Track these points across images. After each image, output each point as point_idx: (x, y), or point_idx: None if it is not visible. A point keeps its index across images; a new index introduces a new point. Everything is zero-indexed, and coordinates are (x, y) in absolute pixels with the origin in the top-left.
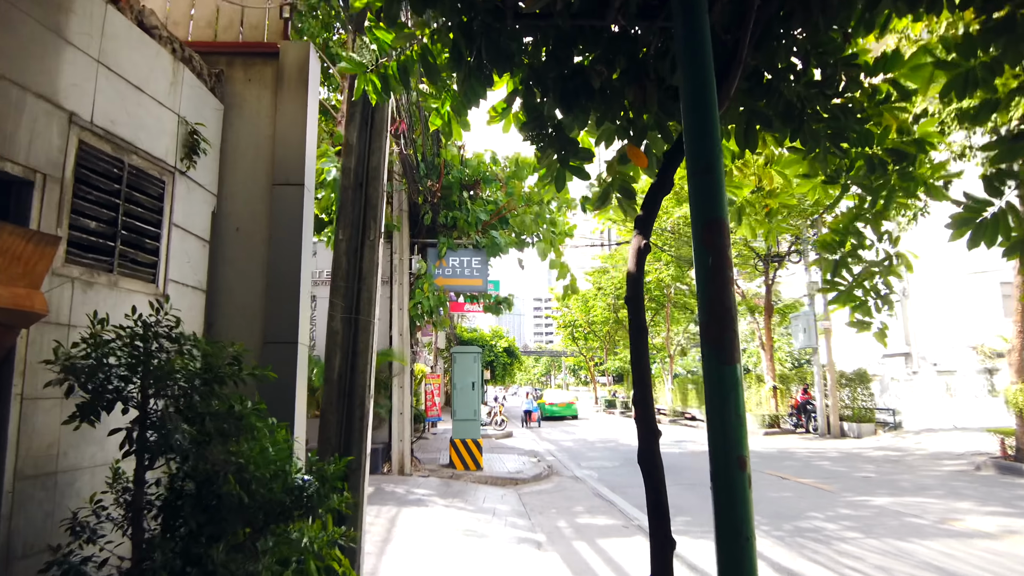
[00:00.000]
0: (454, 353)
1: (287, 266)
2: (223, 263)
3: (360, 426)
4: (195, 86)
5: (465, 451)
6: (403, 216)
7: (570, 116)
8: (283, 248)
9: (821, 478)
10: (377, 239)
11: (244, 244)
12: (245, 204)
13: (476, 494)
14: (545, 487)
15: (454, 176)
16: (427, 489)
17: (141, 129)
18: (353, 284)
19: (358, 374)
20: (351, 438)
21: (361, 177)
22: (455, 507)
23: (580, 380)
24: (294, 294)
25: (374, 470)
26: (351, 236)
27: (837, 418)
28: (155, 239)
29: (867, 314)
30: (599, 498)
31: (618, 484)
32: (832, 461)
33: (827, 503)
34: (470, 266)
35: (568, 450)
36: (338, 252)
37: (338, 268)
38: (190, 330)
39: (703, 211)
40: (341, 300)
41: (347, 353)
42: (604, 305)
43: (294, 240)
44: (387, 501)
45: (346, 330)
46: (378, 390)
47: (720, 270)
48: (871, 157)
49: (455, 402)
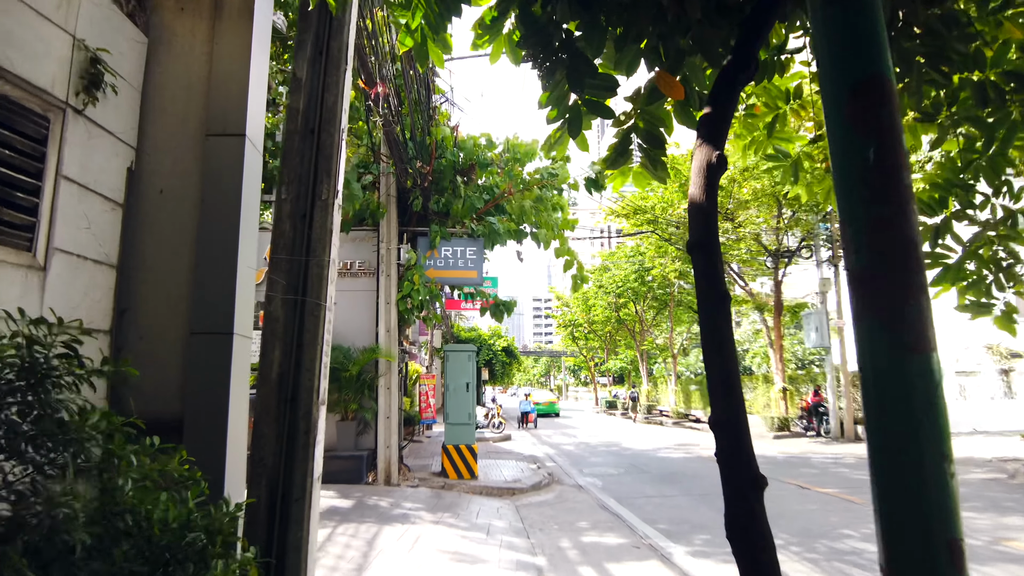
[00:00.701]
0: (447, 351)
1: (223, 237)
2: (142, 233)
3: (306, 441)
4: (103, 6)
5: (459, 458)
6: (390, 201)
7: (586, 20)
8: (219, 214)
9: (845, 488)
10: (332, 199)
11: (169, 209)
12: (172, 160)
13: (470, 507)
14: (545, 498)
15: (447, 159)
16: (415, 502)
17: (12, 46)
18: (299, 256)
19: (304, 373)
20: (293, 457)
21: (312, 120)
22: (445, 523)
23: (580, 381)
24: (230, 272)
25: (357, 480)
26: (297, 195)
27: (852, 421)
28: (33, 194)
29: (984, 294)
30: (605, 511)
31: (625, 495)
32: (851, 468)
33: (859, 518)
34: (464, 257)
35: (569, 455)
36: (280, 215)
37: (280, 236)
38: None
39: (847, 67)
40: (283, 277)
41: (290, 346)
42: (605, 304)
43: (232, 204)
44: (368, 517)
45: (289, 316)
46: (363, 392)
47: (891, 171)
48: (982, 84)
49: (448, 404)
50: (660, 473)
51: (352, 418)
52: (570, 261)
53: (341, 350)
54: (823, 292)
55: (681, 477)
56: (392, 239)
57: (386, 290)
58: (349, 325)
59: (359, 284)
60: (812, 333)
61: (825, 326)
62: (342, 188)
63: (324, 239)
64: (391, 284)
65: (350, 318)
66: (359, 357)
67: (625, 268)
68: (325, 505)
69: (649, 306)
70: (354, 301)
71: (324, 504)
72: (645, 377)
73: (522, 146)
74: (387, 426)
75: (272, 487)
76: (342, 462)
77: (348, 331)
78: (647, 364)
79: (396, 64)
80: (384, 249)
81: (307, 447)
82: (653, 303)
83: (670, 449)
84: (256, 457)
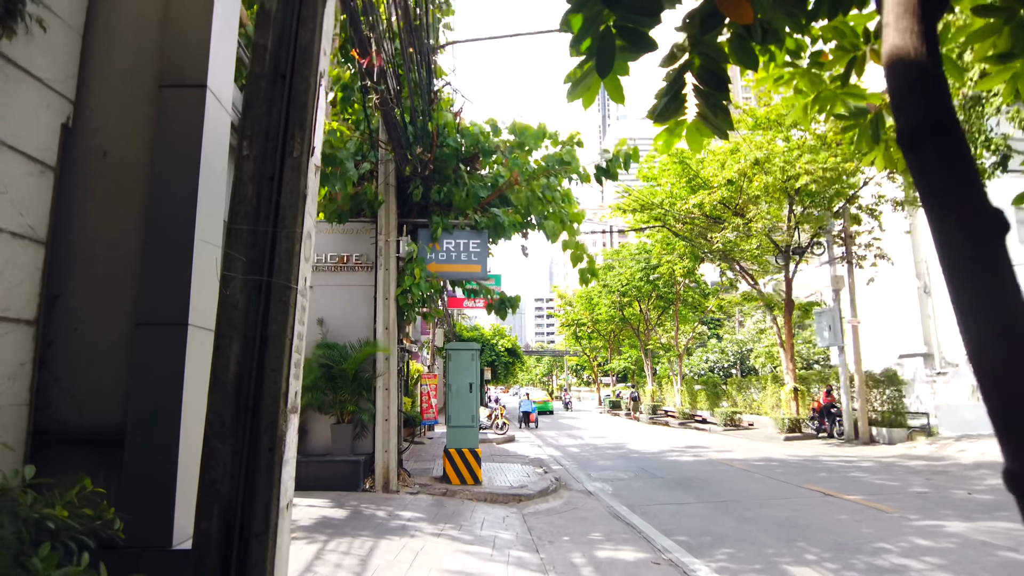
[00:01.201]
0: (449, 350)
1: (179, 209)
2: (79, 202)
3: (270, 460)
4: None
5: (461, 463)
6: (389, 191)
7: None
8: (174, 182)
9: (870, 495)
10: (306, 157)
11: (114, 175)
12: (118, 116)
13: (473, 516)
14: (554, 505)
15: (449, 147)
16: (414, 511)
17: None
18: (265, 227)
19: (269, 374)
20: (254, 481)
21: (283, 63)
22: (446, 536)
23: (582, 381)
24: (186, 250)
25: (353, 487)
26: (264, 152)
27: (866, 423)
28: None
29: None
30: (618, 520)
31: (638, 501)
32: (871, 472)
33: (893, 529)
34: (467, 250)
35: (575, 457)
36: (240, 177)
37: (241, 202)
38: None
39: None
40: (243, 253)
41: (251, 340)
42: (609, 303)
43: (189, 170)
44: (363, 529)
45: (250, 302)
46: (359, 392)
47: None
48: None
49: (450, 406)
50: (673, 478)
51: (348, 420)
52: (578, 254)
53: (337, 348)
54: (836, 290)
55: (695, 482)
56: (391, 231)
57: (384, 285)
58: (345, 322)
59: (356, 279)
60: (825, 332)
61: (838, 324)
62: (320, 147)
63: (296, 206)
64: (390, 278)
65: (346, 314)
66: (355, 354)
67: (631, 266)
68: (317, 516)
69: (654, 305)
70: (351, 297)
71: (315, 515)
72: (650, 377)
73: (529, 130)
74: (385, 429)
75: (227, 519)
76: (337, 467)
77: (345, 328)
78: (651, 363)
79: (396, 42)
80: (383, 241)
81: (271, 468)
82: (658, 302)
83: (679, 452)
84: (207, 481)
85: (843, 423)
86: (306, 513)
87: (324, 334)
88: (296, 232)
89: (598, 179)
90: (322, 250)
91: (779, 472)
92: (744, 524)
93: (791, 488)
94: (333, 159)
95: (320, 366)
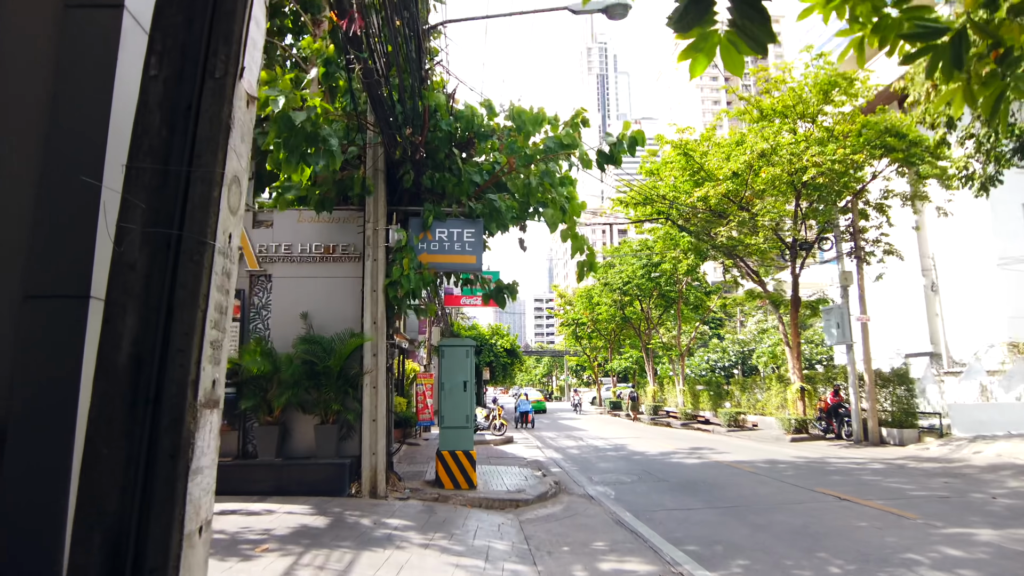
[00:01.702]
0: (442, 346)
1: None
2: None
3: (170, 472)
4: None
5: (455, 466)
6: (378, 176)
7: None
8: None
9: (889, 499)
10: (233, 79)
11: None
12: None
13: (467, 524)
14: (553, 511)
15: (442, 131)
16: (403, 519)
17: None
18: (176, 167)
19: (175, 356)
20: (151, 497)
21: None
22: (436, 547)
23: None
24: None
25: (338, 491)
26: (180, 72)
27: (876, 423)
28: None
29: None
30: (621, 527)
31: (642, 507)
32: (885, 475)
33: (920, 538)
34: (461, 239)
35: (575, 459)
36: (146, 101)
37: (143, 135)
38: None
39: None
40: (144, 199)
41: (154, 312)
42: (610, 302)
43: (99, 105)
44: (344, 540)
45: (153, 262)
46: (345, 391)
47: None
48: None
49: (443, 405)
50: (677, 481)
51: (333, 421)
52: (578, 245)
53: (321, 343)
54: (845, 286)
55: (701, 486)
56: (380, 219)
57: (372, 276)
58: (331, 316)
59: (343, 270)
60: (833, 329)
61: (847, 322)
62: (257, 72)
63: (217, 140)
64: (378, 269)
65: (332, 308)
66: (340, 349)
67: (632, 263)
68: (294, 524)
69: (656, 304)
70: (337, 289)
71: (293, 523)
72: (651, 377)
73: (527, 114)
74: (373, 430)
75: (114, 547)
76: (321, 471)
77: (330, 322)
78: (652, 364)
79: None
80: (371, 230)
81: (172, 480)
82: (660, 300)
83: (683, 454)
84: (87, 498)
85: (852, 423)
86: (283, 521)
87: (308, 328)
88: (216, 173)
89: (600, 165)
90: (307, 240)
91: (789, 475)
92: (757, 532)
93: (804, 492)
94: (315, 137)
95: (303, 362)
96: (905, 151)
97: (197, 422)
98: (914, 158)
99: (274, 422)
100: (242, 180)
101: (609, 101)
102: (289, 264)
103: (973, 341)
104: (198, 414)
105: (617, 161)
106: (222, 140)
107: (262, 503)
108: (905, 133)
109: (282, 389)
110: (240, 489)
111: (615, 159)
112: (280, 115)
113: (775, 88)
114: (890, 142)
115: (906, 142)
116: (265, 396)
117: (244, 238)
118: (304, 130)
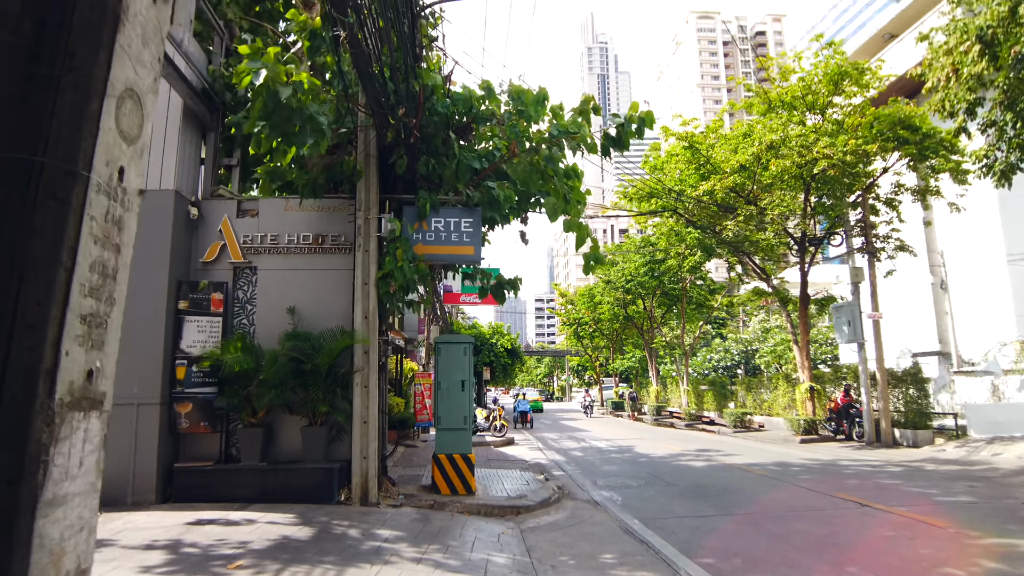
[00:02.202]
0: (438, 343)
1: None
2: None
3: (11, 503)
4: None
5: (452, 470)
6: (370, 162)
7: None
8: None
9: (912, 505)
10: None
11: None
12: None
13: (464, 534)
14: (556, 518)
15: (439, 114)
16: (394, 529)
17: None
18: (41, 68)
19: (23, 333)
20: None
21: None
22: (429, 561)
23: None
24: None
25: (327, 498)
26: None
27: (889, 424)
28: None
29: None
30: (630, 537)
31: (651, 514)
32: (904, 478)
33: (956, 550)
34: (459, 230)
35: (578, 461)
36: None
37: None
38: None
39: None
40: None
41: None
42: (612, 300)
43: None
44: (328, 554)
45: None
46: (335, 391)
47: None
48: None
49: (439, 406)
50: (687, 485)
51: (321, 423)
52: (582, 236)
53: (309, 339)
54: (856, 283)
55: (712, 490)
56: (372, 207)
57: (364, 268)
58: (320, 311)
59: (332, 262)
60: (844, 327)
61: (858, 319)
62: None
63: (99, 34)
64: (370, 261)
65: (321, 302)
66: (329, 345)
67: (635, 260)
68: (275, 536)
69: (660, 302)
70: (326, 282)
71: (274, 535)
72: (654, 377)
73: (529, 94)
74: (364, 432)
75: None
76: (308, 476)
77: (319, 318)
78: (655, 363)
79: None
80: (362, 219)
81: (15, 513)
82: (663, 299)
83: (690, 456)
84: None
85: (863, 424)
86: (263, 533)
87: (295, 324)
88: (96, 77)
89: (605, 150)
90: (294, 230)
91: (803, 478)
92: (777, 542)
93: (821, 497)
94: (302, 113)
95: (289, 359)
96: (918, 144)
97: (56, 429)
98: (927, 151)
99: (258, 424)
100: (144, 100)
101: (609, 101)
102: (275, 256)
103: (982, 340)
104: (58, 417)
105: (625, 144)
106: (107, 35)
107: (244, 511)
108: (918, 126)
109: (266, 388)
110: (222, 496)
111: (623, 142)
112: (263, 88)
113: (783, 79)
114: (903, 134)
115: (919, 134)
116: (247, 395)
117: (228, 228)
118: (290, 106)
